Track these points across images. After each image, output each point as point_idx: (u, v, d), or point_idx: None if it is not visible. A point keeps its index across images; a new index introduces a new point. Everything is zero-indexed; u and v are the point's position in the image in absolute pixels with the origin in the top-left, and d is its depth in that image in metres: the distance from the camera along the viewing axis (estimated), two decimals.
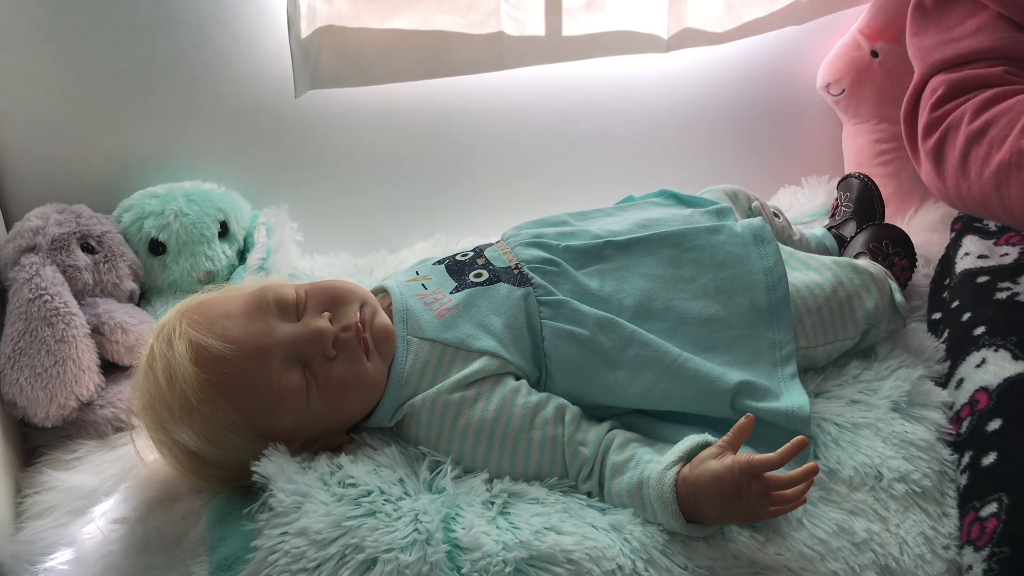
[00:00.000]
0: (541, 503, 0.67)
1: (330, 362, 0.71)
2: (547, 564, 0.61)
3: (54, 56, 0.99)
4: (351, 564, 0.60)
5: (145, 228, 1.00)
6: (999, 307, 0.82)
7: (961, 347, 0.82)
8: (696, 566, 0.64)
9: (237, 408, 0.68)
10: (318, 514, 0.62)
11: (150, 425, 0.71)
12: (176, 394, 0.68)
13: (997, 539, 0.64)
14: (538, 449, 0.70)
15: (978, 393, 0.77)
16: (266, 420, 0.69)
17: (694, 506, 0.64)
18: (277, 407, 0.69)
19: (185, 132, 1.07)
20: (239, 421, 0.68)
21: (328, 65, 1.04)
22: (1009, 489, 0.66)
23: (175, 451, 0.71)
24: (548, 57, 1.13)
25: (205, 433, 0.68)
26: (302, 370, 0.70)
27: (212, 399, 0.67)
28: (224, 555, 0.64)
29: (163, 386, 0.68)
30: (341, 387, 0.70)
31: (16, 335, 0.84)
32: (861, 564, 0.66)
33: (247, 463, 0.67)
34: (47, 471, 0.80)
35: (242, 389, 0.68)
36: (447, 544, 0.62)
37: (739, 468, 0.63)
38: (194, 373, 0.67)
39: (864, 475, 0.71)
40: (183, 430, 0.68)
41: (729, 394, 0.73)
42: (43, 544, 0.71)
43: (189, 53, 1.03)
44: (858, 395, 0.79)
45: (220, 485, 0.71)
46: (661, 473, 0.65)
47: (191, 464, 0.70)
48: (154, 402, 0.69)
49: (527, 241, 0.82)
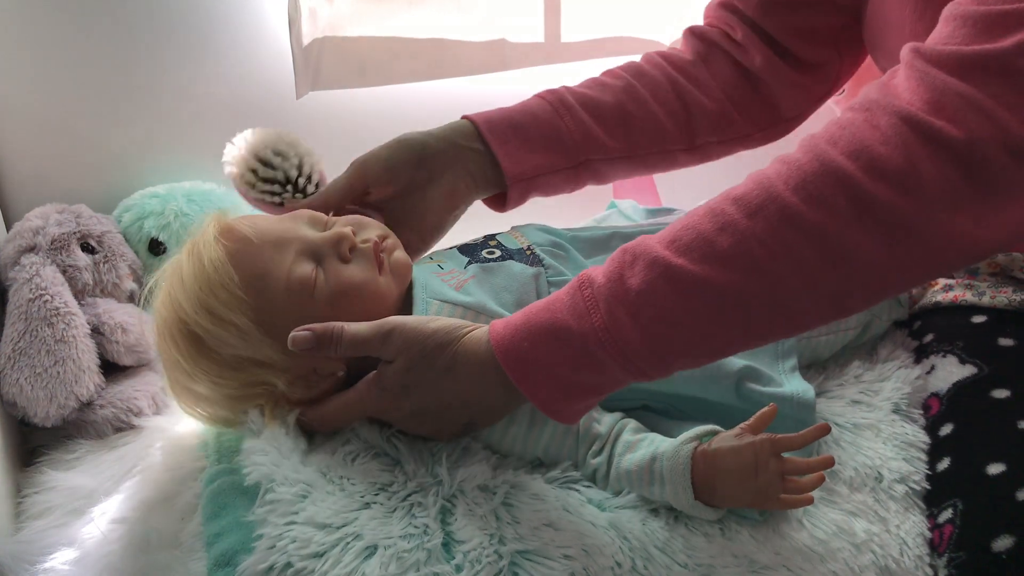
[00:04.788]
0: (541, 499, 0.67)
1: (343, 264, 0.72)
2: (543, 559, 0.61)
3: (54, 56, 0.99)
4: (353, 550, 0.60)
5: (145, 228, 1.00)
6: (944, 313, 0.83)
7: (914, 355, 0.83)
8: (696, 564, 0.64)
9: (245, 282, 0.69)
10: (324, 503, 0.62)
11: (162, 302, 0.72)
12: (192, 262, 0.69)
13: (954, 544, 0.64)
14: (552, 424, 0.69)
15: (930, 399, 0.77)
16: (268, 306, 0.69)
17: (708, 481, 0.64)
18: (282, 294, 0.69)
19: (185, 132, 1.07)
20: (245, 300, 0.68)
21: (329, 66, 1.04)
22: (963, 495, 0.66)
23: (177, 337, 0.70)
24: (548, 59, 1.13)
25: (208, 306, 0.68)
26: (315, 265, 0.71)
27: (224, 270, 0.68)
28: (222, 550, 0.64)
29: (182, 258, 0.71)
30: (348, 289, 0.71)
31: (16, 335, 0.84)
32: (861, 565, 0.66)
33: (240, 367, 0.68)
34: (47, 471, 0.80)
35: (255, 266, 0.69)
36: (444, 535, 0.62)
37: (760, 443, 0.64)
38: (214, 242, 0.69)
39: (865, 476, 0.71)
40: (189, 302, 0.69)
41: (734, 377, 0.73)
42: (43, 544, 0.70)
43: (190, 53, 1.03)
44: (859, 395, 0.79)
45: (211, 396, 0.71)
46: (677, 447, 0.66)
47: (189, 352, 0.70)
48: (171, 277, 0.71)
49: (537, 227, 0.84)
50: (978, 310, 0.81)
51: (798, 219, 0.57)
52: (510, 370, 0.63)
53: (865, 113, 0.59)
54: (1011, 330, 0.77)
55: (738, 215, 0.59)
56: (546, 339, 0.62)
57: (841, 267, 0.58)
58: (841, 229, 0.57)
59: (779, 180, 0.59)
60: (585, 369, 0.62)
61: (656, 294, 0.59)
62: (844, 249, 0.57)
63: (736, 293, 0.59)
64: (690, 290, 0.59)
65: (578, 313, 0.61)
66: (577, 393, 0.63)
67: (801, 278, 0.58)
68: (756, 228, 0.58)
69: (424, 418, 0.68)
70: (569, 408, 0.64)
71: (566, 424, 0.65)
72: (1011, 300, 0.79)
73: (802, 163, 0.59)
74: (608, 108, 0.86)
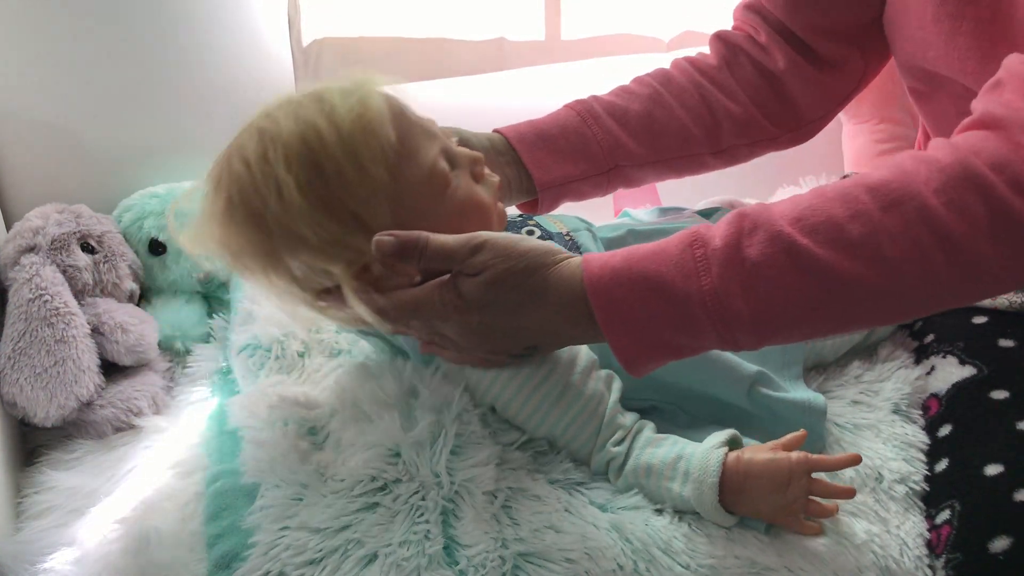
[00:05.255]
0: (542, 500, 0.67)
1: (473, 182, 0.71)
2: (545, 562, 0.61)
3: (54, 56, 0.99)
4: (352, 558, 0.60)
5: (145, 228, 1.00)
6: (945, 314, 0.83)
7: (915, 356, 0.84)
8: (698, 565, 0.63)
9: (396, 147, 0.66)
10: (319, 506, 0.62)
11: (287, 130, 0.65)
12: (348, 104, 0.66)
13: (951, 546, 0.64)
14: (584, 402, 0.69)
15: (929, 400, 0.77)
16: (404, 180, 0.67)
17: (737, 487, 0.64)
18: (422, 177, 0.68)
19: (185, 132, 1.07)
20: (390, 161, 0.65)
21: (329, 66, 1.04)
22: (960, 495, 0.66)
23: (297, 164, 0.64)
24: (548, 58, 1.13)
25: (356, 148, 0.64)
26: (452, 170, 0.70)
27: (385, 125, 0.66)
28: (222, 552, 0.64)
29: (332, 95, 0.66)
30: (476, 205, 0.70)
31: (16, 335, 0.84)
32: (861, 565, 0.66)
33: (344, 221, 0.65)
34: (47, 471, 0.80)
35: (408, 139, 0.67)
36: (445, 539, 0.62)
37: (796, 458, 0.64)
38: (381, 97, 0.67)
39: (865, 476, 0.71)
40: (335, 136, 0.64)
41: (748, 380, 0.73)
42: (43, 544, 0.71)
43: (190, 54, 1.03)
44: (859, 396, 0.79)
45: (300, 237, 0.65)
46: (708, 448, 0.66)
47: (303, 180, 0.64)
48: (311, 106, 0.66)
49: (570, 217, 0.84)
50: (979, 311, 0.81)
51: (936, 222, 0.57)
52: (599, 311, 0.61)
53: (998, 131, 0.58)
54: (1011, 331, 0.77)
55: (872, 205, 0.58)
56: (644, 290, 0.60)
57: (964, 273, 0.58)
58: (976, 238, 0.56)
59: (919, 179, 0.58)
60: (678, 329, 0.61)
61: (774, 269, 0.58)
62: (973, 258, 0.57)
63: (854, 283, 0.58)
64: (811, 272, 0.58)
65: (686, 272, 0.60)
66: (660, 351, 0.62)
67: (922, 279, 0.58)
68: (889, 223, 0.58)
69: (488, 335, 0.65)
70: (645, 362, 0.63)
71: (632, 375, 0.64)
72: (1012, 302, 0.79)
73: (944, 166, 0.58)
74: (635, 115, 0.88)
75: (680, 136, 0.89)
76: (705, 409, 0.74)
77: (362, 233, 0.65)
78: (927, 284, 0.58)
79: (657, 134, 0.88)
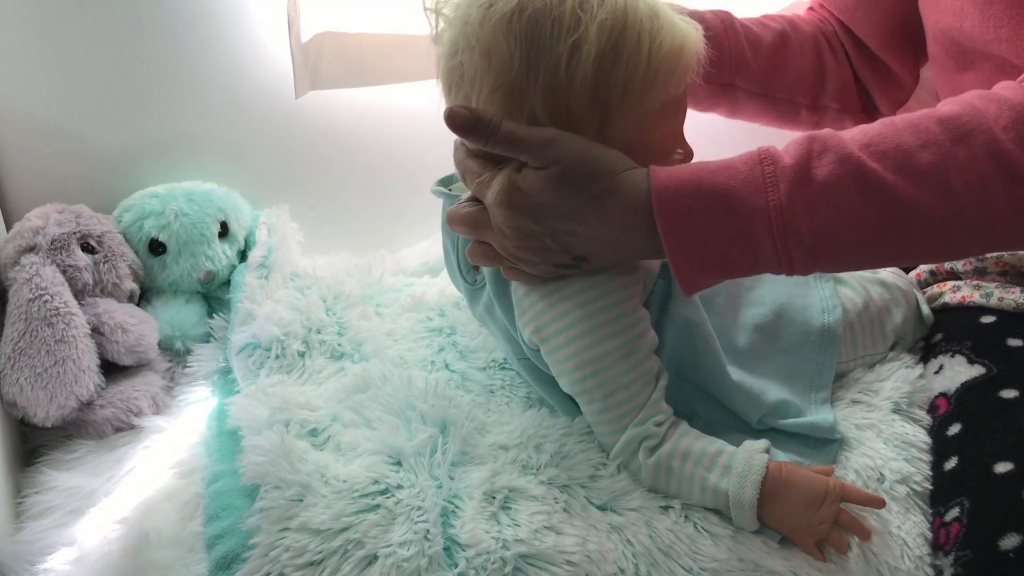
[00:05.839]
0: (541, 501, 0.67)
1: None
2: (546, 564, 0.61)
3: (54, 56, 0.99)
4: (352, 559, 0.60)
5: (145, 228, 1.00)
6: (953, 313, 0.83)
7: (922, 354, 0.84)
8: (701, 568, 0.63)
9: (670, 92, 0.65)
10: (319, 507, 0.62)
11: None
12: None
13: (960, 543, 0.64)
14: (647, 368, 0.68)
15: (938, 399, 0.77)
16: (654, 117, 0.65)
17: (773, 493, 0.65)
18: (664, 135, 0.68)
19: (185, 132, 1.07)
20: (665, 98, 0.65)
21: (328, 66, 1.04)
22: (969, 493, 0.66)
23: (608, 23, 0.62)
24: None
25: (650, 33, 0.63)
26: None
27: (681, 65, 0.65)
28: (222, 553, 0.64)
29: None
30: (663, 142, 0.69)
31: (16, 335, 0.84)
32: (862, 566, 0.66)
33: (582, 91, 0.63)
34: (47, 471, 0.80)
35: (683, 97, 0.68)
36: (445, 540, 0.62)
37: (834, 483, 0.66)
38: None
39: (866, 477, 0.71)
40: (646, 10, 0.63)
41: (764, 409, 0.74)
42: (43, 544, 0.71)
43: (189, 53, 1.03)
44: (859, 396, 0.79)
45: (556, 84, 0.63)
46: (751, 451, 0.67)
47: (607, 43, 0.62)
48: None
49: None
50: (987, 311, 0.81)
51: (1003, 157, 0.58)
52: (662, 221, 0.60)
53: None
54: (1020, 331, 0.77)
55: (943, 136, 0.59)
56: (711, 203, 0.60)
57: (1021, 210, 0.59)
58: None
59: (989, 115, 0.59)
60: (739, 244, 0.61)
61: (841, 191, 0.59)
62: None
63: (918, 210, 0.59)
64: (877, 196, 0.59)
65: (754, 187, 0.60)
66: (717, 267, 0.62)
67: (983, 214, 0.59)
68: (959, 154, 0.59)
69: (541, 239, 0.64)
70: (698, 278, 0.63)
71: (683, 290, 0.63)
72: (1018, 303, 0.79)
73: (1014, 104, 0.59)
74: (766, 45, 0.90)
75: (796, 79, 0.91)
76: (716, 421, 0.75)
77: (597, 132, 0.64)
78: (987, 219, 0.59)
79: (778, 68, 0.90)
